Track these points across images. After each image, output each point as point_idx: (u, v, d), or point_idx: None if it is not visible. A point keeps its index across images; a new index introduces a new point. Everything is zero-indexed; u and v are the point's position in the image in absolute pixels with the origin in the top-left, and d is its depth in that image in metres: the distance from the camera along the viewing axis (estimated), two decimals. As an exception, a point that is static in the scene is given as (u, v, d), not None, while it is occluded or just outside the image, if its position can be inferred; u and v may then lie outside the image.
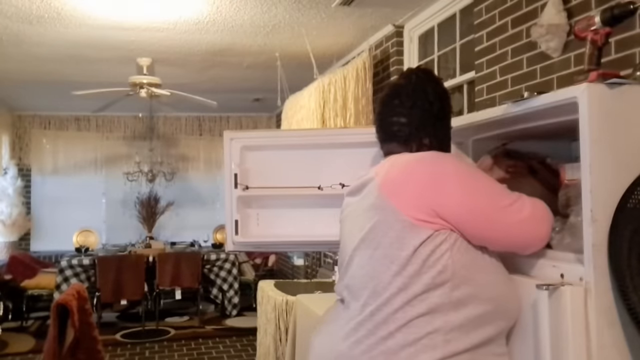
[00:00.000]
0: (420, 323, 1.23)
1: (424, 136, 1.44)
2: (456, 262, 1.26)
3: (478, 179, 1.36)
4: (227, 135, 2.28)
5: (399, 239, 1.28)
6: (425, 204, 1.28)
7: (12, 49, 4.64)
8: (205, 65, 5.34)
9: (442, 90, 1.51)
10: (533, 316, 1.34)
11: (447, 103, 1.51)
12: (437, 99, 1.46)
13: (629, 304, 1.24)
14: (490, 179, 1.41)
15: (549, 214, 1.38)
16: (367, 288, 1.31)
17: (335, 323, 1.39)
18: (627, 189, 1.28)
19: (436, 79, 1.52)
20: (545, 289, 1.29)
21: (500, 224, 1.33)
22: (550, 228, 1.38)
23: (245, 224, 2.29)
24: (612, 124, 1.30)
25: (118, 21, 4.02)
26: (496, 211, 1.32)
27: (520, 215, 1.33)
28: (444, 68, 3.80)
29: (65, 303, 2.48)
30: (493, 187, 1.37)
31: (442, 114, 1.48)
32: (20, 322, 5.98)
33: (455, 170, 1.34)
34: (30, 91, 6.56)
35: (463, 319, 1.25)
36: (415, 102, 1.44)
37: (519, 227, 1.34)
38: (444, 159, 1.38)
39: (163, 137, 8.36)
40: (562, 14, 2.35)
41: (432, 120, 1.46)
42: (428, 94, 1.45)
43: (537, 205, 1.38)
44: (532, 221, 1.35)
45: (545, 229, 1.37)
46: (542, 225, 1.37)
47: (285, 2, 3.66)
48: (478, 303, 1.27)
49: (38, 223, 8.06)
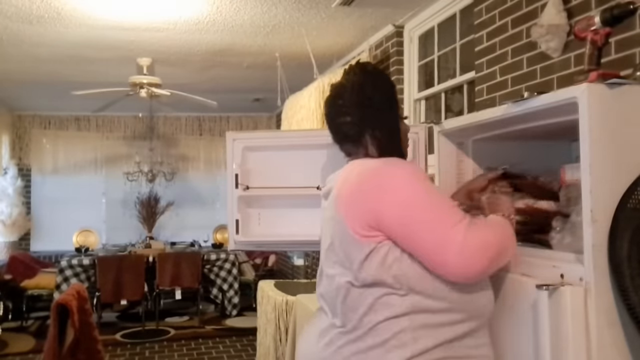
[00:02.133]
0: (387, 326, 1.26)
1: (372, 131, 1.42)
2: (408, 271, 1.27)
3: (420, 193, 1.28)
4: (229, 136, 2.31)
5: (348, 254, 1.32)
6: (368, 218, 1.28)
7: (12, 49, 4.64)
8: (205, 65, 5.34)
9: (382, 81, 1.48)
10: (533, 316, 1.34)
11: (388, 93, 1.48)
12: (376, 91, 1.44)
13: (629, 304, 1.24)
14: (437, 196, 1.30)
15: (486, 248, 1.23)
16: (334, 298, 1.37)
17: (314, 326, 1.45)
18: (627, 189, 1.28)
19: (374, 72, 1.50)
20: (545, 289, 1.29)
21: (428, 243, 1.23)
22: (486, 263, 1.23)
23: (246, 223, 2.31)
24: (612, 124, 1.30)
25: (118, 21, 4.02)
26: (428, 230, 1.24)
27: (452, 239, 1.22)
28: (444, 68, 3.80)
29: (65, 303, 2.48)
30: (435, 204, 1.27)
31: (385, 105, 1.45)
32: (20, 322, 5.97)
33: (399, 182, 1.29)
34: (30, 91, 6.56)
35: (428, 320, 1.26)
36: (357, 99, 1.43)
37: (444, 251, 1.22)
38: (394, 170, 1.32)
39: (163, 137, 8.36)
40: (562, 14, 2.35)
41: (376, 113, 1.43)
42: (366, 89, 1.44)
43: (475, 236, 1.23)
44: (460, 250, 1.21)
45: (471, 263, 1.22)
46: (470, 258, 1.22)
47: (285, 2, 3.66)
48: (440, 306, 1.27)
49: (38, 223, 8.05)
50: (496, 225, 1.34)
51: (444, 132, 1.99)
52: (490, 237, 1.27)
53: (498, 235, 1.30)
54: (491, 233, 1.29)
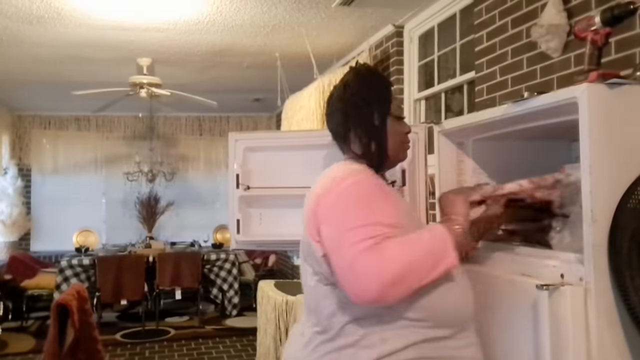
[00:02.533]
0: (354, 327, 1.27)
1: (356, 130, 1.43)
2: None
3: (340, 210, 1.26)
4: (231, 136, 2.33)
5: (309, 257, 1.35)
6: (317, 223, 1.29)
7: (12, 49, 4.64)
8: (205, 66, 5.34)
9: (371, 81, 1.47)
10: (533, 316, 1.34)
11: (376, 93, 1.45)
12: (363, 91, 1.45)
13: (629, 304, 1.24)
14: (358, 213, 1.24)
15: (379, 274, 1.15)
16: (308, 298, 1.41)
17: (298, 327, 1.49)
18: (627, 189, 1.28)
19: (365, 72, 1.49)
20: (545, 289, 1.29)
21: (333, 262, 1.22)
22: (378, 288, 1.14)
23: (247, 223, 2.33)
24: (612, 124, 1.30)
25: (118, 21, 4.02)
26: (333, 249, 1.22)
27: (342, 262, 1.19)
28: (444, 68, 3.80)
29: (65, 303, 2.48)
30: (348, 223, 1.22)
31: (372, 105, 1.43)
32: (20, 322, 5.97)
33: (332, 194, 1.28)
34: (30, 91, 6.56)
35: (392, 324, 1.26)
36: (343, 98, 1.46)
37: (340, 273, 1.20)
38: (340, 180, 1.30)
39: (163, 137, 8.36)
40: (562, 14, 2.35)
41: (360, 113, 1.43)
42: (354, 88, 1.45)
43: (369, 259, 1.16)
44: (348, 275, 1.17)
45: (360, 288, 1.16)
46: (356, 283, 1.16)
47: (285, 2, 3.66)
48: (403, 312, 1.25)
49: (38, 223, 8.05)
50: (414, 243, 1.22)
51: (444, 132, 1.99)
52: (394, 260, 1.16)
53: (406, 257, 1.18)
54: (397, 255, 1.17)
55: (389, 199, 1.32)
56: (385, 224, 1.22)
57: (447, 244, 1.23)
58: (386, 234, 1.20)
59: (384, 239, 1.19)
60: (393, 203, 1.33)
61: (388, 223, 1.23)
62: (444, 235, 1.24)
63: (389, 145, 1.44)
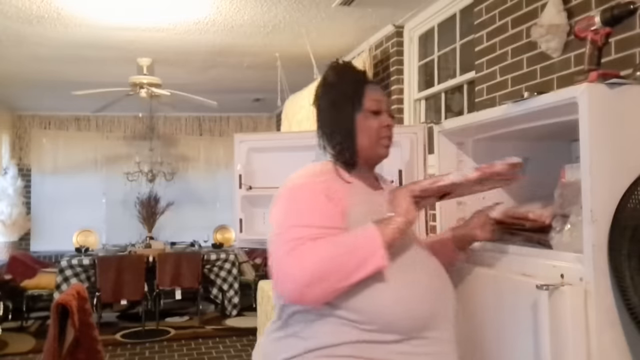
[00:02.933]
0: (297, 318, 1.31)
1: (323, 128, 1.45)
2: None
3: (280, 212, 1.31)
4: (237, 138, 2.38)
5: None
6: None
7: (12, 49, 4.64)
8: (205, 66, 5.34)
9: (328, 77, 1.47)
10: (533, 316, 1.34)
11: (331, 88, 1.45)
12: (322, 90, 1.46)
13: (629, 304, 1.24)
14: (295, 217, 1.28)
15: (294, 279, 1.18)
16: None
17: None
18: (627, 189, 1.28)
19: (335, 67, 1.48)
20: (545, 289, 1.29)
21: (269, 258, 1.26)
22: (298, 290, 1.18)
23: (250, 222, 2.35)
24: (612, 124, 1.30)
25: (118, 21, 4.02)
26: (271, 251, 1.26)
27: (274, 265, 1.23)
28: (444, 68, 3.80)
29: (65, 303, 2.47)
30: (284, 226, 1.26)
31: (329, 100, 1.44)
32: (20, 322, 5.97)
33: (280, 197, 1.33)
34: (30, 91, 6.56)
35: (331, 320, 1.26)
36: (314, 97, 1.49)
37: (271, 270, 1.23)
38: (290, 181, 1.36)
39: (163, 137, 8.36)
40: (562, 14, 2.35)
41: (325, 111, 1.45)
42: (320, 87, 1.47)
43: (288, 264, 1.19)
44: (276, 277, 1.22)
45: (286, 289, 1.20)
46: (282, 285, 1.21)
47: (285, 2, 3.66)
48: (344, 311, 1.24)
49: (38, 223, 8.05)
50: (338, 244, 1.21)
51: (444, 132, 1.99)
52: (313, 261, 1.18)
53: (326, 258, 1.18)
54: (317, 257, 1.18)
55: (330, 203, 1.29)
56: (316, 226, 1.23)
57: (376, 244, 1.20)
58: (314, 235, 1.21)
59: (309, 240, 1.20)
60: (335, 207, 1.29)
61: (320, 225, 1.24)
62: (373, 235, 1.21)
63: (361, 142, 1.41)
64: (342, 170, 1.41)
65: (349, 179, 1.39)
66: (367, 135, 1.41)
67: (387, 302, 1.23)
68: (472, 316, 1.66)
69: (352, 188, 1.38)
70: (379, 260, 1.19)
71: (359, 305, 1.23)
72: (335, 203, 1.30)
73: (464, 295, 1.72)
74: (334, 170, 1.40)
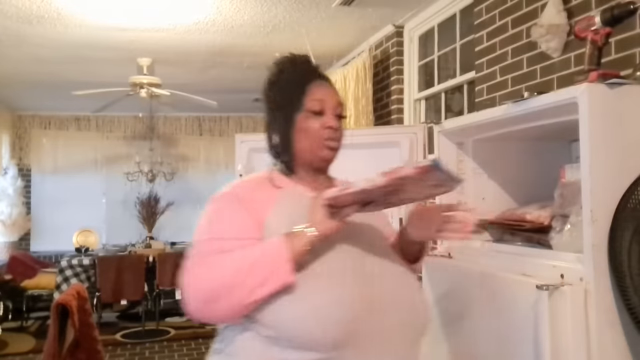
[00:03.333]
0: (226, 333, 1.25)
1: (265, 133, 1.40)
2: None
3: (201, 225, 1.24)
4: (238, 138, 2.38)
5: None
6: None
7: (12, 49, 4.64)
8: (205, 66, 5.34)
9: (267, 79, 1.43)
10: (533, 316, 1.34)
11: (269, 86, 1.41)
12: (266, 87, 1.42)
13: (629, 304, 1.24)
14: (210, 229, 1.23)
15: (194, 295, 1.14)
16: None
17: None
18: (627, 189, 1.29)
19: (272, 65, 1.44)
20: (545, 289, 1.29)
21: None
22: (197, 307, 1.14)
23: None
24: (612, 124, 1.30)
25: (118, 21, 4.02)
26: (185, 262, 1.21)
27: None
28: (444, 68, 3.80)
29: (65, 303, 2.48)
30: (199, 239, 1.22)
31: (266, 104, 1.41)
32: (20, 322, 5.97)
33: (207, 206, 1.28)
34: (30, 91, 6.56)
35: (252, 336, 1.19)
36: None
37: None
38: (218, 192, 1.30)
39: (163, 137, 8.35)
40: (562, 14, 2.35)
41: (267, 113, 1.41)
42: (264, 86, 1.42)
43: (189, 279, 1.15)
44: (182, 291, 1.16)
45: (187, 304, 1.15)
46: (185, 300, 1.15)
47: (285, 2, 3.66)
48: (254, 325, 1.17)
49: (38, 223, 8.05)
50: (240, 259, 1.14)
51: (444, 132, 1.99)
52: (211, 277, 1.13)
53: (226, 274, 1.13)
54: (216, 273, 1.13)
55: (245, 212, 1.22)
56: (226, 238, 1.19)
57: (281, 259, 1.11)
58: (223, 248, 1.16)
59: (216, 254, 1.15)
60: (249, 216, 1.22)
61: (230, 236, 1.19)
62: (279, 249, 1.13)
63: (300, 145, 1.32)
64: (277, 175, 1.34)
65: (281, 184, 1.31)
66: (307, 137, 1.32)
67: (297, 315, 1.11)
68: (472, 316, 1.66)
69: (282, 194, 1.29)
70: (284, 275, 1.11)
71: (269, 319, 1.14)
72: (251, 212, 1.22)
73: (464, 295, 1.72)
74: (267, 176, 1.33)
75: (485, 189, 1.98)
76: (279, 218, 1.23)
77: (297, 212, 1.21)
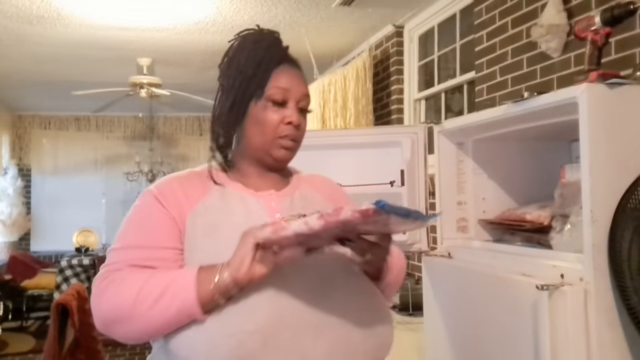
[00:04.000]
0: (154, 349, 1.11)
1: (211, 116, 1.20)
2: None
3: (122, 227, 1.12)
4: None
5: None
6: None
7: (12, 49, 4.64)
8: (205, 65, 5.34)
9: (227, 54, 1.23)
10: (533, 316, 1.34)
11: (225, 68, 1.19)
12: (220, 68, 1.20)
13: (629, 304, 1.24)
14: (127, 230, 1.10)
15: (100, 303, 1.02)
16: None
17: None
18: (627, 189, 1.29)
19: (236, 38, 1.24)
20: (545, 289, 1.29)
21: None
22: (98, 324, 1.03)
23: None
24: (612, 124, 1.30)
25: (118, 21, 4.02)
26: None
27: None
28: (444, 68, 3.80)
29: (65, 303, 2.48)
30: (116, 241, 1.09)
31: (220, 82, 1.19)
32: (20, 322, 5.97)
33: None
34: (30, 91, 6.56)
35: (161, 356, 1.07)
36: None
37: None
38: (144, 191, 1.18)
39: (163, 137, 8.36)
40: (562, 14, 2.35)
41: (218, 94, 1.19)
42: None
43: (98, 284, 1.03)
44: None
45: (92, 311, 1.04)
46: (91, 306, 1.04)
47: (285, 2, 3.66)
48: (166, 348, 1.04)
49: (38, 223, 8.05)
50: (149, 281, 0.99)
51: (444, 132, 1.99)
52: (106, 301, 1.01)
53: (117, 305, 0.99)
54: (124, 292, 0.99)
55: (163, 212, 1.08)
56: (139, 246, 1.05)
57: (189, 294, 0.95)
58: (132, 259, 1.03)
59: (123, 268, 1.03)
60: (166, 215, 1.08)
61: (144, 244, 1.05)
62: (187, 283, 0.96)
63: (251, 138, 1.13)
64: (216, 170, 1.17)
65: (219, 180, 1.15)
66: (261, 132, 1.11)
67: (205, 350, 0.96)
68: (472, 316, 1.66)
69: (215, 192, 1.12)
70: (192, 315, 0.96)
71: (174, 349, 1.00)
72: (173, 210, 1.08)
73: (464, 296, 1.73)
74: (204, 171, 1.17)
75: (485, 189, 1.98)
76: (203, 220, 1.07)
77: (224, 218, 1.07)
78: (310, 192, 1.21)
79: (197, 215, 1.07)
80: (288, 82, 1.14)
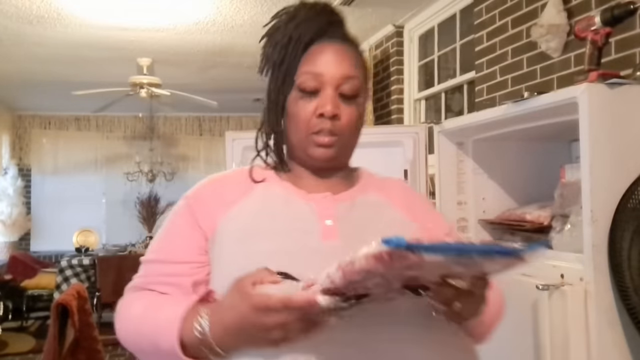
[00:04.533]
0: None
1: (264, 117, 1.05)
2: None
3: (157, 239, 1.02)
4: (229, 135, 2.33)
5: None
6: None
7: (12, 49, 4.64)
8: (205, 66, 5.34)
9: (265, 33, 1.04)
10: (533, 316, 1.34)
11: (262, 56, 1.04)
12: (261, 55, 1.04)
13: (629, 304, 1.24)
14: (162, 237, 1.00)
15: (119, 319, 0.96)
16: None
17: None
18: (627, 189, 1.29)
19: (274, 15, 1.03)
20: (545, 289, 1.29)
21: None
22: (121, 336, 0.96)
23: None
24: (612, 124, 1.30)
25: (118, 21, 4.02)
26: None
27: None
28: (444, 68, 3.80)
29: (65, 303, 2.47)
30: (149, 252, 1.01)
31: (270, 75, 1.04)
32: (20, 322, 5.97)
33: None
34: (30, 91, 6.56)
35: None
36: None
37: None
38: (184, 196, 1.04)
39: (163, 137, 8.35)
40: (562, 14, 2.35)
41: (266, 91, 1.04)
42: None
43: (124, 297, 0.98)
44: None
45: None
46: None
47: (286, 2, 3.64)
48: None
49: (38, 223, 8.05)
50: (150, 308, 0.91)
51: (444, 132, 1.99)
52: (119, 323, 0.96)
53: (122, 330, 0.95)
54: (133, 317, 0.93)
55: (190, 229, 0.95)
56: (165, 262, 0.95)
57: (171, 337, 0.83)
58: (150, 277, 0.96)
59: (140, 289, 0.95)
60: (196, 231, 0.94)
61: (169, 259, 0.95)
62: (171, 325, 0.83)
63: (289, 136, 0.97)
64: (259, 168, 1.01)
65: (262, 177, 0.98)
66: (295, 127, 0.95)
67: None
68: (472, 316, 1.66)
69: (257, 193, 0.96)
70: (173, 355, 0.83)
71: None
72: (204, 219, 0.94)
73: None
74: (247, 171, 1.00)
75: (485, 189, 1.98)
76: (236, 225, 0.91)
77: (261, 223, 0.90)
78: (377, 198, 0.97)
79: (230, 219, 0.91)
80: (322, 63, 0.92)
